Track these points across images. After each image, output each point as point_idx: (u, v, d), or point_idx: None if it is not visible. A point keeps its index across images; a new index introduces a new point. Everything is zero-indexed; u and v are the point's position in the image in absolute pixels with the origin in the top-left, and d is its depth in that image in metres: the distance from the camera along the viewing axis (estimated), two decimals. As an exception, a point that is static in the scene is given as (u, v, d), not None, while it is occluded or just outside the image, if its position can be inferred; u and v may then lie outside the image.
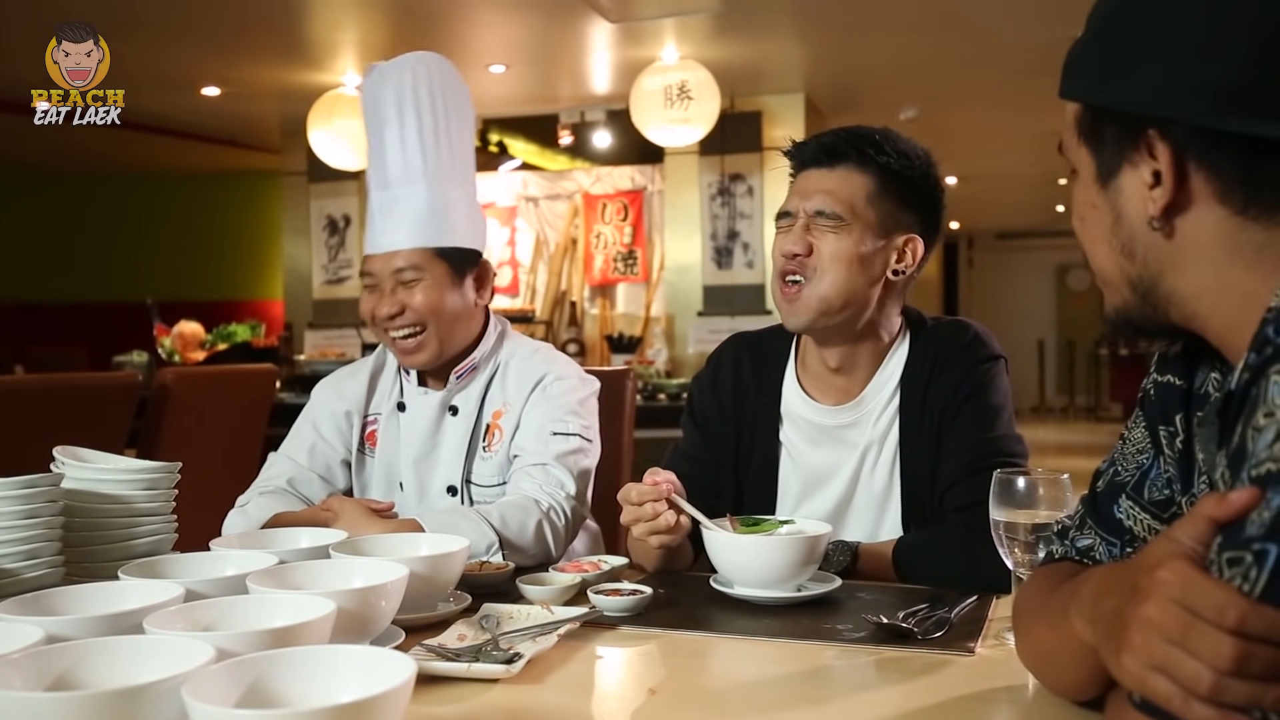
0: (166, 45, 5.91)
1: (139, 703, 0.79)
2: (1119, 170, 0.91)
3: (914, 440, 1.65)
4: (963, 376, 1.63)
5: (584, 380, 1.89)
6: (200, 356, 5.43)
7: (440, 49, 1.94)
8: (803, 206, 1.63)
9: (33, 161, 9.83)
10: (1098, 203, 0.94)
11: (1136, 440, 1.05)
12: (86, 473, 1.39)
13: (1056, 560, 1.10)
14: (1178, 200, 0.87)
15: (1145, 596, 0.74)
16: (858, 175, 1.62)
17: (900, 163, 1.63)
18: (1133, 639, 0.74)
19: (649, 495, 1.48)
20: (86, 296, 10.46)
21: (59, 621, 1.02)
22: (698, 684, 1.17)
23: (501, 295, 8.05)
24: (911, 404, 1.66)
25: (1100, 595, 0.84)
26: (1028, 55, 5.91)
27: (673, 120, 5.95)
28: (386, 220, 1.81)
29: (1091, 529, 1.07)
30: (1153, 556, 0.76)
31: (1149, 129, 0.87)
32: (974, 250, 15.89)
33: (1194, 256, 0.88)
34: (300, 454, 1.88)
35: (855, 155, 1.63)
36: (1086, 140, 0.94)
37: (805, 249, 1.61)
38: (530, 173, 8.44)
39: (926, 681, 1.12)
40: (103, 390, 3.18)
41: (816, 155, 1.65)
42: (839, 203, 1.61)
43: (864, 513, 1.68)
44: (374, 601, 1.12)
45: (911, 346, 1.69)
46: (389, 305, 1.81)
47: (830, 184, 1.62)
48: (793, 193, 1.68)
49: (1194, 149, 0.86)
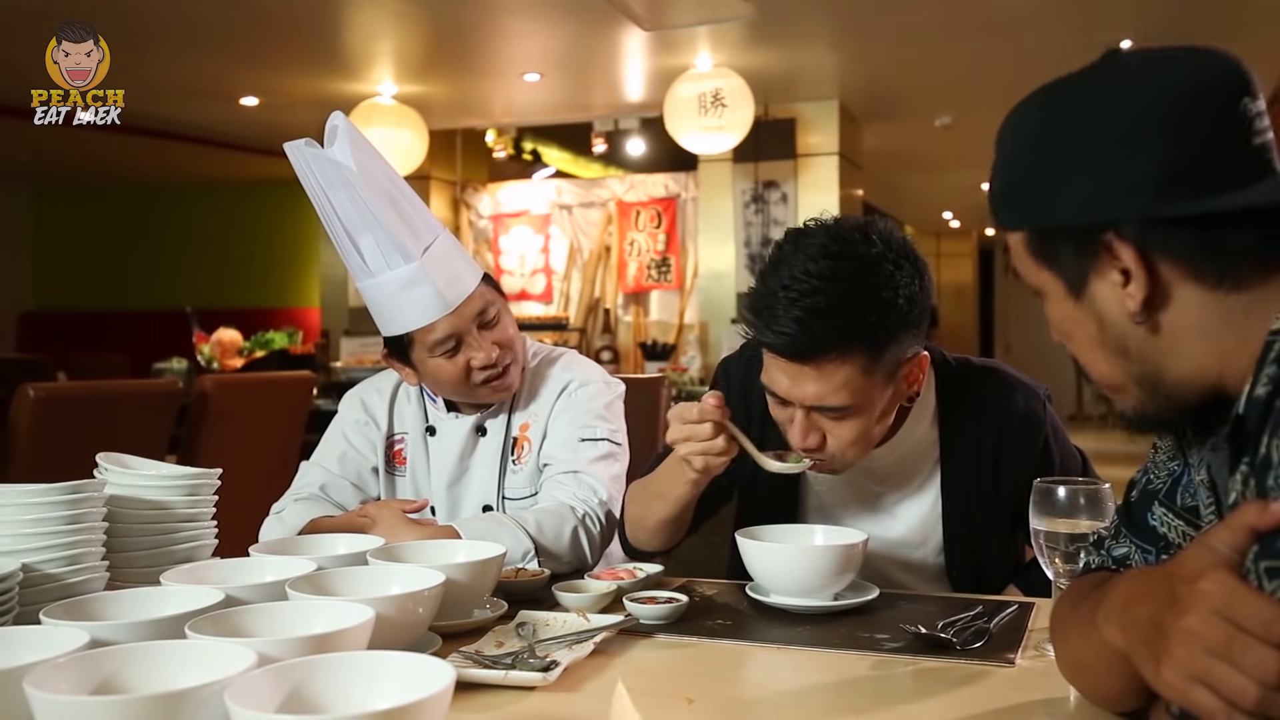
0: (206, 57, 6.00)
1: (183, 707, 0.79)
2: (1087, 281, 0.91)
3: (962, 489, 1.61)
4: (1041, 449, 1.59)
5: (609, 384, 1.88)
6: (238, 363, 5.50)
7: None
8: (794, 397, 1.43)
9: (74, 173, 10.00)
10: (1077, 315, 0.94)
11: (1167, 448, 1.05)
12: (129, 479, 1.40)
13: (1093, 570, 1.09)
14: (1155, 292, 0.87)
15: (1186, 607, 0.73)
16: (843, 365, 1.38)
17: (884, 314, 1.37)
18: (1174, 650, 0.74)
19: (711, 414, 1.41)
20: (127, 305, 10.62)
21: (103, 626, 1.03)
22: (735, 693, 1.16)
23: (535, 303, 8.08)
24: (961, 457, 1.60)
25: (1131, 602, 0.83)
26: (1064, 60, 5.82)
27: (706, 127, 5.95)
28: (437, 282, 1.68)
29: (1126, 537, 1.06)
30: (1191, 565, 0.75)
31: (1104, 234, 0.87)
32: (1010, 257, 15.75)
33: (1186, 339, 0.88)
34: (331, 462, 1.88)
35: (834, 349, 1.37)
36: (1045, 263, 0.94)
37: (817, 442, 1.45)
38: (564, 180, 8.49)
39: (965, 693, 1.11)
40: (144, 397, 3.23)
41: (788, 352, 1.39)
42: (833, 396, 1.40)
43: (892, 549, 1.64)
44: (411, 608, 1.13)
45: (941, 392, 1.62)
46: (487, 351, 1.73)
47: (816, 380, 1.39)
48: (774, 371, 1.44)
49: (1154, 239, 0.86)
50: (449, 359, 1.73)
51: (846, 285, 1.36)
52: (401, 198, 1.69)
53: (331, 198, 1.64)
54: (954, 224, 13.82)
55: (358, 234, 1.67)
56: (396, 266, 1.67)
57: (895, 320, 1.38)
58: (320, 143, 1.66)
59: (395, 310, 1.71)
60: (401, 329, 1.73)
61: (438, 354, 1.73)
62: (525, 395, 1.87)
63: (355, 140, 1.64)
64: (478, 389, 1.77)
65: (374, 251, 1.67)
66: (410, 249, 1.67)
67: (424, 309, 1.70)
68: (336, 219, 1.66)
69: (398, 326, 1.73)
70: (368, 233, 1.66)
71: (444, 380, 1.76)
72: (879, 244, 1.40)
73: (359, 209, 1.64)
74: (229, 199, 10.52)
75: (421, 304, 1.69)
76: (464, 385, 1.76)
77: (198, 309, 6.18)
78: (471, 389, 1.77)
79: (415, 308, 1.70)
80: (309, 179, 1.65)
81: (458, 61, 6.16)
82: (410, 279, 1.68)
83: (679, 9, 5.23)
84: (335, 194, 1.64)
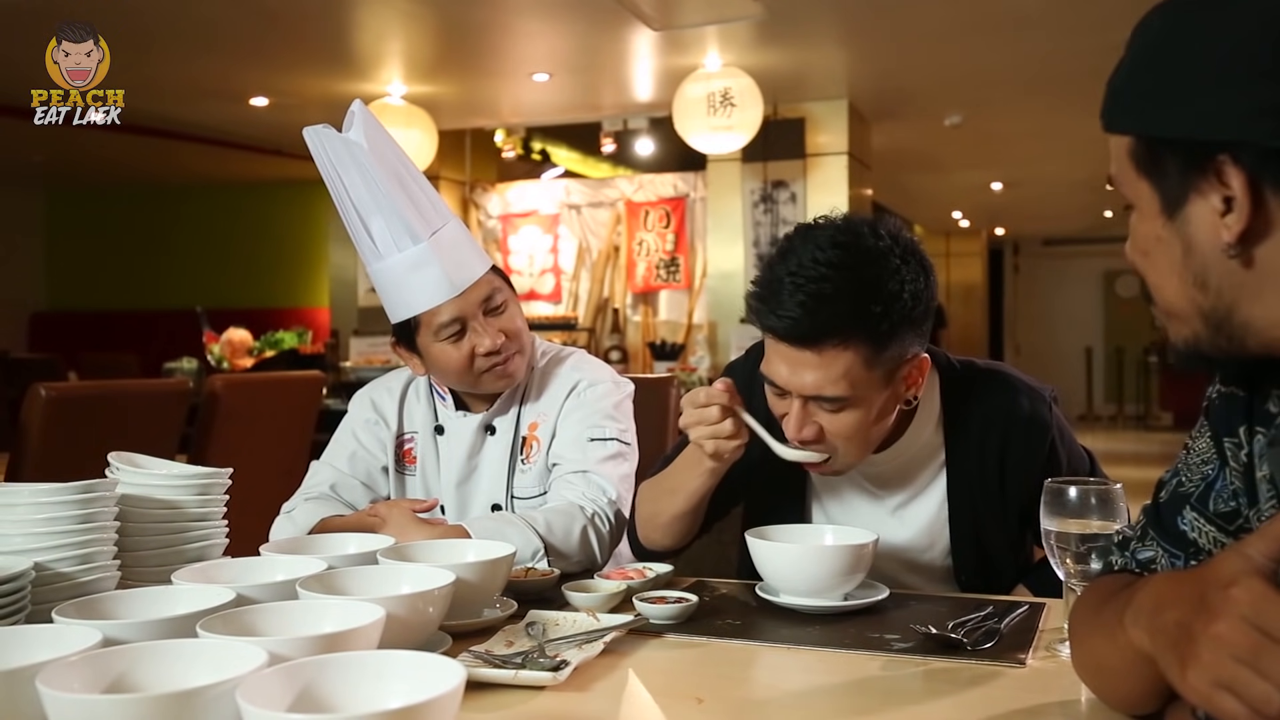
0: (216, 57, 6.02)
1: (194, 705, 0.80)
2: (1186, 200, 0.86)
3: (968, 492, 1.60)
4: (1048, 453, 1.59)
5: (618, 384, 1.88)
6: (248, 363, 5.52)
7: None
8: (792, 386, 1.43)
9: (86, 174, 10.04)
10: (1163, 235, 0.89)
11: (1201, 450, 1.02)
12: (140, 478, 1.41)
13: (1116, 571, 1.08)
14: (1254, 226, 0.82)
15: (1216, 613, 0.72)
16: (844, 352, 1.38)
17: (889, 305, 1.38)
18: (1201, 654, 0.73)
19: (718, 397, 1.44)
20: (138, 305, 10.67)
21: (115, 625, 1.04)
22: (745, 693, 1.16)
23: (544, 302, 8.09)
24: (966, 460, 1.60)
25: (1160, 605, 0.82)
26: (1075, 60, 5.85)
27: (715, 127, 5.95)
28: (444, 264, 1.71)
29: (1154, 540, 1.04)
30: (1224, 571, 0.74)
31: (1218, 155, 0.82)
32: (1020, 257, 15.72)
33: (1274, 283, 0.84)
34: (341, 461, 1.89)
35: (837, 335, 1.38)
36: (1145, 173, 0.89)
37: (815, 434, 1.45)
38: (573, 180, 8.49)
39: (976, 693, 1.11)
40: (155, 397, 3.24)
41: (790, 336, 1.40)
42: (832, 385, 1.40)
43: (898, 553, 1.64)
44: (422, 607, 1.13)
45: (945, 396, 1.61)
46: (492, 337, 1.74)
47: (817, 367, 1.40)
48: (774, 359, 1.44)
49: (1269, 170, 0.81)
50: (453, 344, 1.74)
51: (853, 274, 1.37)
52: (412, 181, 1.73)
53: (344, 177, 1.68)
54: (963, 224, 13.80)
55: (369, 216, 1.70)
56: (405, 248, 1.70)
57: (899, 314, 1.39)
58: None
59: (403, 292, 1.74)
60: (409, 312, 1.75)
61: (443, 338, 1.74)
62: (534, 394, 1.87)
63: (369, 124, 1.69)
64: (481, 377, 1.78)
65: (384, 233, 1.70)
66: (419, 231, 1.70)
67: (431, 291, 1.72)
68: (349, 200, 1.70)
69: (405, 310, 1.76)
70: (378, 214, 1.70)
71: (448, 367, 1.77)
72: (887, 239, 1.41)
73: (370, 189, 1.68)
74: (239, 199, 10.56)
75: (428, 286, 1.72)
76: (468, 373, 1.77)
77: (208, 309, 6.20)
78: (475, 377, 1.78)
79: (422, 290, 1.72)
80: (323, 161, 1.70)
81: (467, 62, 6.17)
82: (418, 260, 1.70)
83: (688, 9, 5.23)
84: (348, 174, 1.68)
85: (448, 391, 1.87)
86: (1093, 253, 14.76)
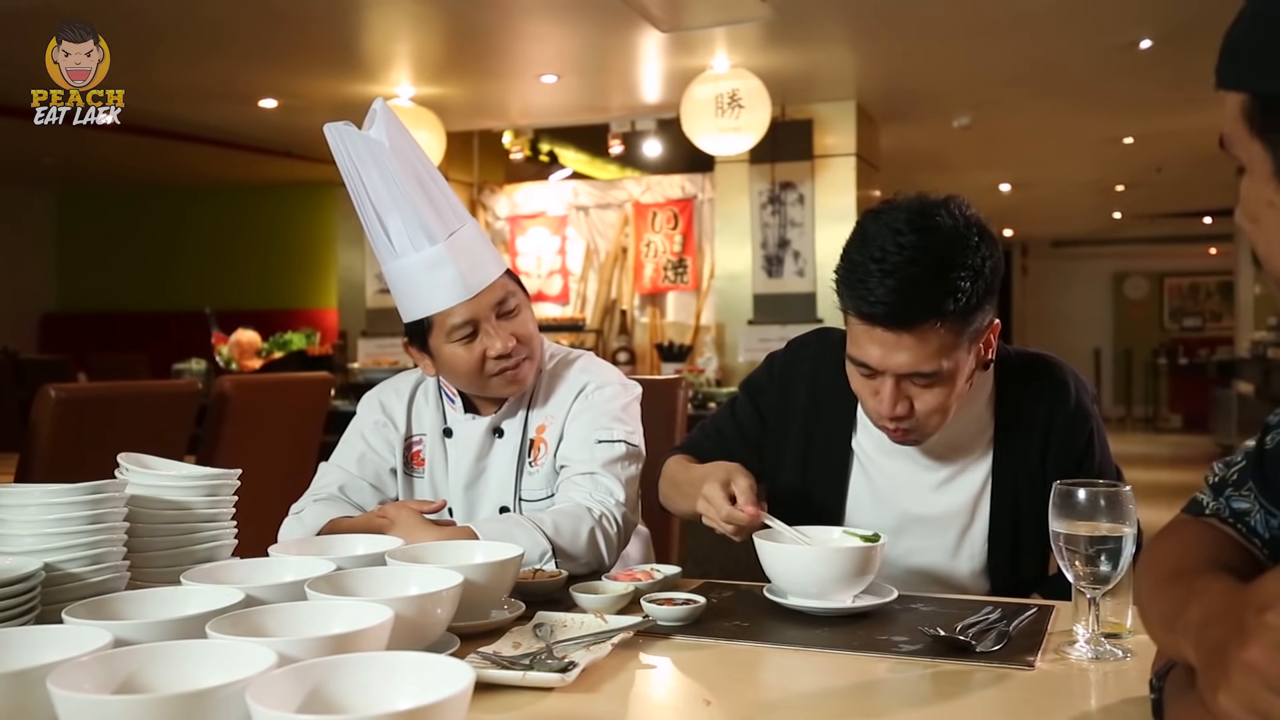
0: (224, 59, 6.03)
1: (204, 706, 0.80)
2: None
3: (1012, 471, 1.65)
4: (1086, 441, 1.65)
5: (625, 386, 1.88)
6: (257, 364, 5.53)
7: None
8: (887, 367, 1.50)
9: (96, 176, 10.07)
10: (1276, 200, 0.83)
11: None
12: (149, 479, 1.41)
13: (1206, 516, 1.01)
14: None
15: (1250, 638, 0.71)
16: (936, 330, 1.45)
17: (974, 281, 1.45)
18: (1233, 679, 0.72)
19: (740, 520, 1.47)
20: (147, 306, 10.70)
21: (125, 626, 1.04)
22: (752, 695, 1.16)
23: (552, 304, 8.09)
24: (1013, 439, 1.65)
25: (1207, 623, 0.80)
26: (1084, 61, 5.84)
27: (723, 129, 5.95)
28: (460, 266, 1.71)
29: (1252, 493, 0.98)
30: (1263, 595, 0.73)
31: None
32: (1028, 258, 15.69)
33: None
34: (350, 463, 1.89)
35: (931, 315, 1.44)
36: (1259, 133, 0.83)
37: (906, 410, 1.52)
38: (581, 182, 8.49)
39: (984, 696, 1.11)
40: (164, 398, 3.25)
41: (885, 320, 1.46)
42: (927, 362, 1.47)
43: (938, 528, 1.66)
44: (430, 609, 1.13)
45: (998, 374, 1.67)
46: (503, 340, 1.74)
47: (910, 347, 1.47)
48: (865, 342, 1.51)
49: None
50: (465, 346, 1.75)
51: (937, 256, 1.44)
52: (431, 181, 1.73)
53: (364, 175, 1.69)
54: (972, 225, 13.76)
55: (387, 214, 1.71)
56: (421, 248, 1.71)
57: (981, 288, 1.46)
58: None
59: (417, 292, 1.74)
60: (423, 312, 1.76)
61: (455, 340, 1.75)
62: (542, 397, 1.87)
63: (391, 122, 1.69)
64: (491, 380, 1.78)
65: (401, 233, 1.71)
66: (436, 231, 1.71)
67: (445, 293, 1.72)
68: (367, 198, 1.70)
69: (419, 310, 1.76)
70: (396, 213, 1.70)
71: (459, 369, 1.77)
72: (960, 216, 1.48)
73: (389, 187, 1.68)
74: (248, 201, 10.58)
75: (443, 287, 1.72)
76: (478, 376, 1.77)
77: (217, 310, 6.22)
78: (485, 380, 1.78)
79: (437, 291, 1.73)
80: (343, 158, 1.70)
81: (475, 63, 6.18)
82: (434, 261, 1.71)
83: (696, 10, 5.23)
84: (367, 171, 1.68)
85: (457, 394, 1.87)
86: (1102, 254, 14.72)
